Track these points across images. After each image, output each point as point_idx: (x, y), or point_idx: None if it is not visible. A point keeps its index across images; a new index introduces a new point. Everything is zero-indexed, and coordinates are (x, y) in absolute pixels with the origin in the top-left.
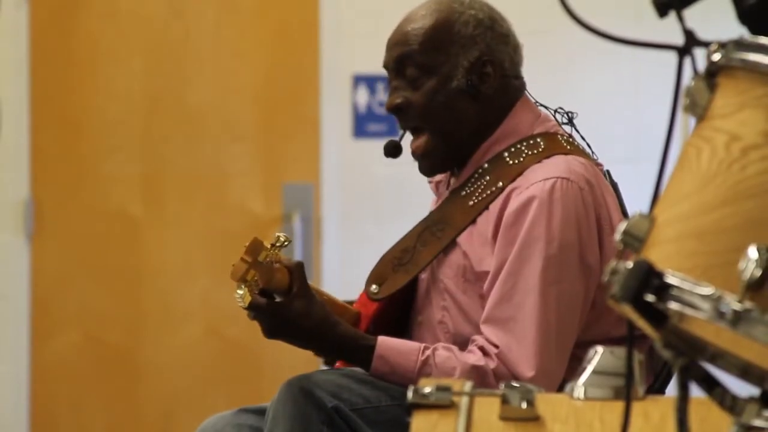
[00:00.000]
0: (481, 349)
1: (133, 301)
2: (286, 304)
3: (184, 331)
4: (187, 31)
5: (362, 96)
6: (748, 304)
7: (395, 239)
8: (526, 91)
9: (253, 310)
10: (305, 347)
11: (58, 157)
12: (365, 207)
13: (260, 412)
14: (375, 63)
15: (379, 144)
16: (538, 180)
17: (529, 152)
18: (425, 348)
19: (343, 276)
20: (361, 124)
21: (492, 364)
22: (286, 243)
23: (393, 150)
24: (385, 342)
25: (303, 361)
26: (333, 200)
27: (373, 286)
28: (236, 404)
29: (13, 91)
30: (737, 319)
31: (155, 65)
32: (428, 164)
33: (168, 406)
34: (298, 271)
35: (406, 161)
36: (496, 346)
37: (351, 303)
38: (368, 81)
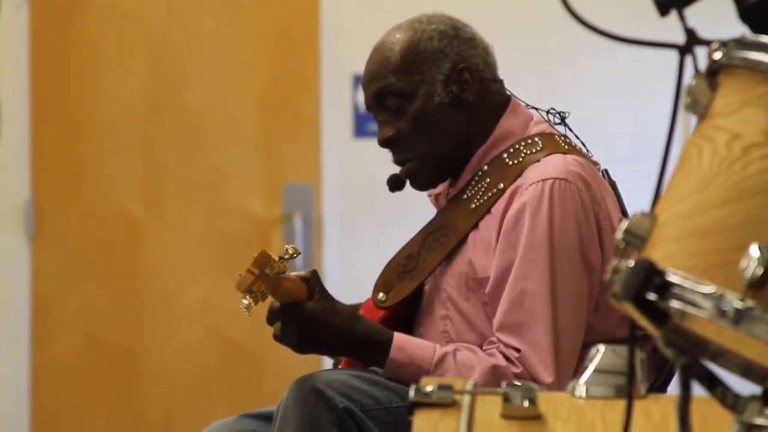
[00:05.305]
0: (502, 354)
1: (134, 303)
2: (311, 306)
3: (184, 333)
4: (187, 31)
5: (363, 96)
6: (749, 303)
7: (396, 240)
8: (512, 95)
9: (278, 318)
10: (334, 346)
11: (59, 159)
12: (366, 207)
13: (262, 417)
14: None
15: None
16: (536, 180)
17: (528, 152)
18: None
19: (344, 276)
20: (362, 124)
21: (515, 369)
22: (295, 255)
23: (396, 183)
24: (402, 335)
25: (304, 362)
26: (333, 200)
27: (381, 294)
28: (237, 405)
29: (14, 92)
30: (739, 317)
31: (155, 66)
32: (419, 181)
33: (169, 407)
34: (314, 279)
35: None
36: (518, 350)
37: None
38: None
